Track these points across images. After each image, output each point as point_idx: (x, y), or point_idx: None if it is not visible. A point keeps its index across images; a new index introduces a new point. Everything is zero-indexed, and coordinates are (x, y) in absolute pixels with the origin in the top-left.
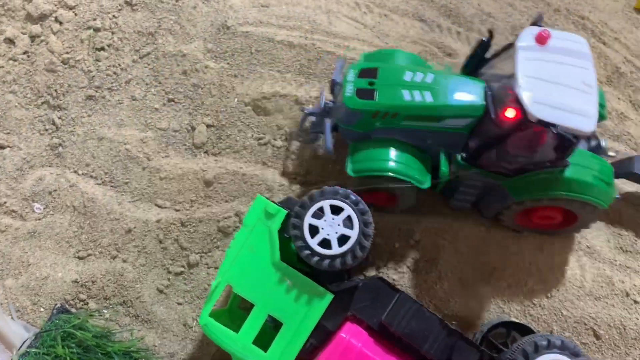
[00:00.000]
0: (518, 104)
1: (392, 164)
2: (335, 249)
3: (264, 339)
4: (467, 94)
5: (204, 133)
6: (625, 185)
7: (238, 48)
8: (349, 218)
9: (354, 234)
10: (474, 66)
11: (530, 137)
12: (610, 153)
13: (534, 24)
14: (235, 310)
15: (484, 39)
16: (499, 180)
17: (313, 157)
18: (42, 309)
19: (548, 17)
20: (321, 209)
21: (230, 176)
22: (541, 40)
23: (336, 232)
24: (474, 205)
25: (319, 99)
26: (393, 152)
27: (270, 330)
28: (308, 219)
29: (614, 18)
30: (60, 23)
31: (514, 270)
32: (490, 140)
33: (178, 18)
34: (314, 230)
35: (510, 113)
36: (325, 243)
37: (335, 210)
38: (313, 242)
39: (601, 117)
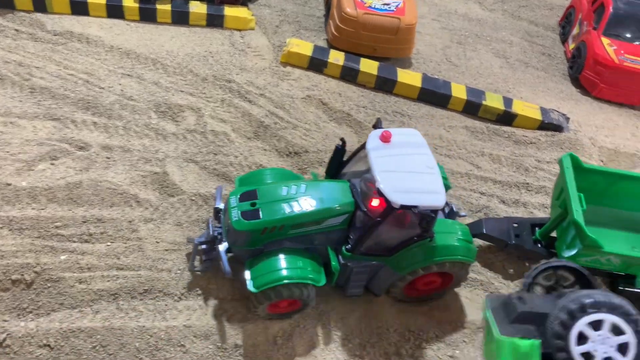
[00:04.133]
0: (380, 194)
1: (287, 271)
2: None
3: None
4: (337, 194)
5: None
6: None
7: None
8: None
9: None
10: (335, 170)
11: (396, 219)
12: (462, 213)
13: (375, 126)
14: None
15: (337, 146)
16: (381, 261)
17: None
18: None
19: (196, 87)
20: (599, 322)
21: None
22: (385, 139)
23: (604, 352)
24: (366, 288)
25: (207, 227)
26: (286, 261)
27: None
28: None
29: (260, 75)
30: None
31: None
32: (365, 228)
33: None
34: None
35: (375, 202)
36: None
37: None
38: (576, 352)
39: (447, 188)
